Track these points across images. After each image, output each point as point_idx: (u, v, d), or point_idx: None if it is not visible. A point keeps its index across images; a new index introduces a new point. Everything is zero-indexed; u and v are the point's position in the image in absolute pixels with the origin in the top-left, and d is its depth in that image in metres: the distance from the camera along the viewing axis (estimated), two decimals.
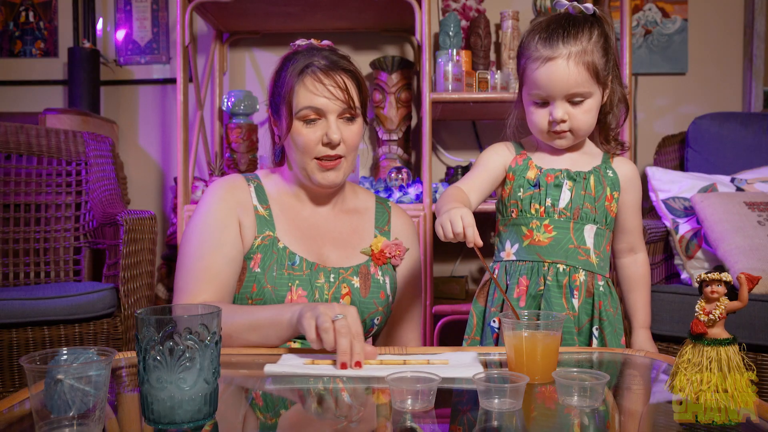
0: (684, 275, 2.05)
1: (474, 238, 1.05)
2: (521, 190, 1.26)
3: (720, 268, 0.85)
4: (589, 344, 1.24)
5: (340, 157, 1.25)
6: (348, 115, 1.25)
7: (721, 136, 2.42)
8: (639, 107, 2.85)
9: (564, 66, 1.16)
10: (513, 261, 1.27)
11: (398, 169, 2.48)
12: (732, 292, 0.82)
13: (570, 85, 1.17)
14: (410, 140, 2.71)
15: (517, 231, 1.26)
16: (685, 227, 2.08)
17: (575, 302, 1.22)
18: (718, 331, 0.82)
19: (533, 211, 1.24)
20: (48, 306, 1.84)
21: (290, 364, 1.00)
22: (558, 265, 1.22)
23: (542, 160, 1.28)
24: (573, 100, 1.19)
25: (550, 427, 0.80)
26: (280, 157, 1.37)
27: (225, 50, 2.86)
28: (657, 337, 1.86)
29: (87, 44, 2.79)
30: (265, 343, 1.12)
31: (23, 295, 1.86)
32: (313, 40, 1.31)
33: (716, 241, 1.93)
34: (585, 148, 1.30)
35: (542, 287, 1.22)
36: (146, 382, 0.75)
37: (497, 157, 1.30)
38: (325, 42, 1.31)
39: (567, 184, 1.24)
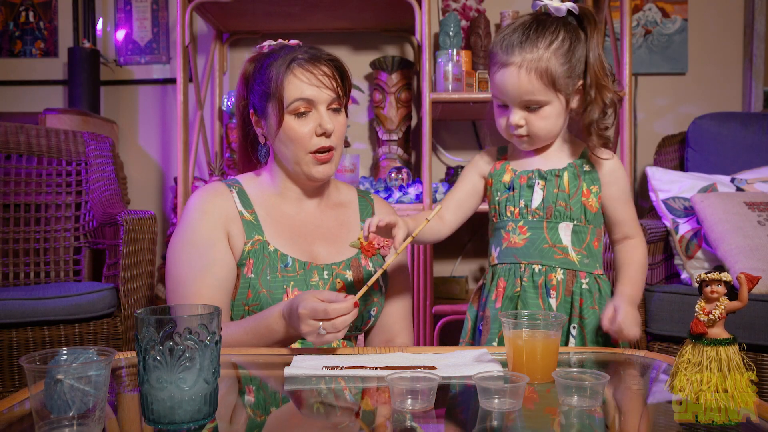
0: (684, 275, 2.05)
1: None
2: (498, 194, 1.27)
3: (720, 268, 0.85)
4: (566, 344, 1.22)
5: (332, 148, 1.27)
6: (336, 106, 1.27)
7: (721, 136, 2.42)
8: (639, 107, 2.85)
9: (515, 74, 1.15)
10: (495, 265, 1.27)
11: (398, 169, 2.48)
12: (732, 292, 0.82)
13: (522, 93, 1.16)
14: (410, 140, 2.71)
15: (498, 235, 1.27)
16: (685, 227, 2.08)
17: (552, 302, 1.21)
18: (718, 331, 0.82)
19: (509, 214, 1.25)
20: (48, 306, 1.83)
21: (306, 365, 0.99)
22: (534, 266, 1.22)
23: (518, 163, 1.28)
24: (530, 106, 1.18)
25: (550, 427, 0.80)
26: (266, 158, 1.37)
27: (225, 50, 2.86)
28: (657, 337, 1.86)
29: (87, 44, 2.79)
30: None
31: (23, 295, 1.86)
32: (281, 40, 1.33)
33: (716, 241, 1.93)
34: (561, 145, 1.28)
35: (519, 288, 1.22)
36: (146, 382, 0.75)
37: (473, 170, 1.32)
38: (294, 41, 1.34)
39: (539, 184, 1.23)
